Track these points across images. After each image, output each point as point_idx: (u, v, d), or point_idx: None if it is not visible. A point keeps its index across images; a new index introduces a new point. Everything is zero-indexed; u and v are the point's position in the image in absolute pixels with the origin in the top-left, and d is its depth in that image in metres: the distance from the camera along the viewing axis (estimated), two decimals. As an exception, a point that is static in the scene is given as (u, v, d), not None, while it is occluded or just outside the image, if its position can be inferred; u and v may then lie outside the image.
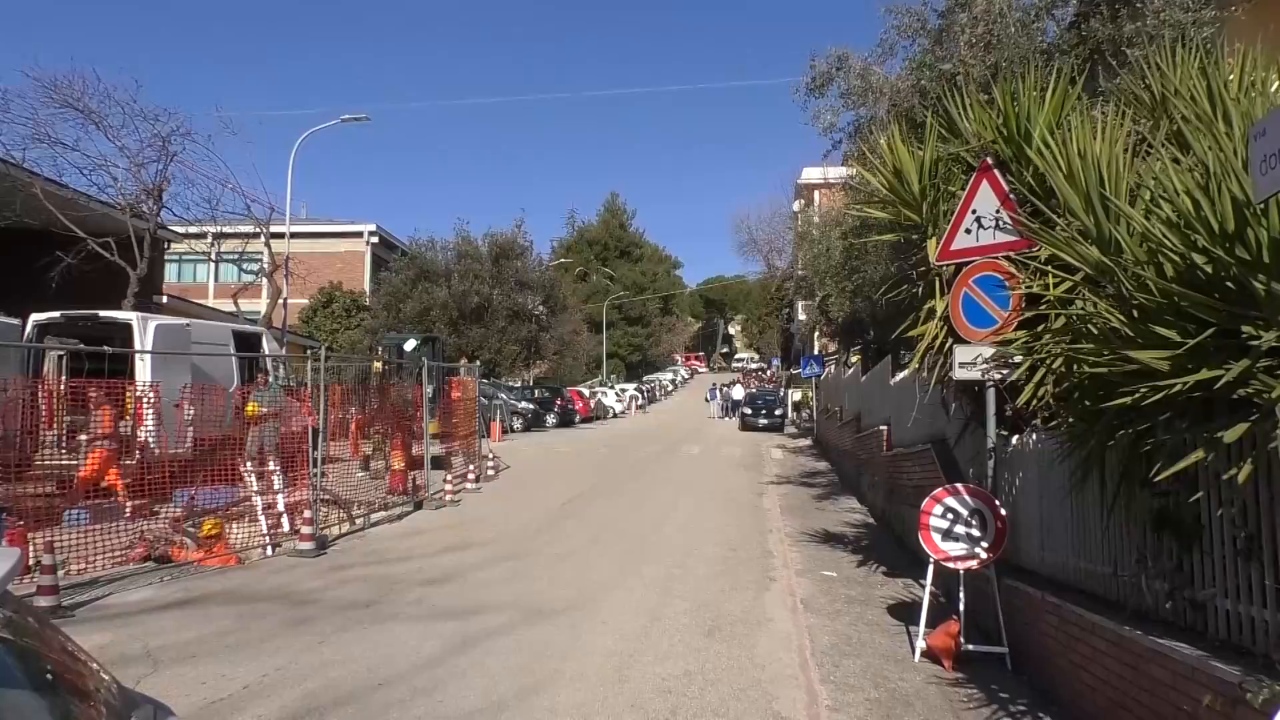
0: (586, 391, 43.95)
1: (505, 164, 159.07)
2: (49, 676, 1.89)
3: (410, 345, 21.19)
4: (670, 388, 69.21)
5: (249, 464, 9.64)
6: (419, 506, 12.67)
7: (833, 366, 28.88)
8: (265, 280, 24.94)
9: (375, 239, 42.66)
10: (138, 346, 11.60)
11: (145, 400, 9.56)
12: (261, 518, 9.49)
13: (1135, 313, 4.16)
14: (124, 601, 7.18)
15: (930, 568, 6.30)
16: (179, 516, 9.08)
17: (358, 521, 11.21)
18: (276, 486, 10.02)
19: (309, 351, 13.80)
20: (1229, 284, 3.76)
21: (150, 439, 9.36)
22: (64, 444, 9.31)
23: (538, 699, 5.14)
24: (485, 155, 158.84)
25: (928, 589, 6.26)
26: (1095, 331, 4.47)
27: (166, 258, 24.69)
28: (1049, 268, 5.61)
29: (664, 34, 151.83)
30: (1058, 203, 5.55)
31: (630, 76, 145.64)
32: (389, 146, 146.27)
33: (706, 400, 46.53)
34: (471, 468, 15.43)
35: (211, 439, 9.99)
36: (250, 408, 10.34)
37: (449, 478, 13.99)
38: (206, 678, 5.37)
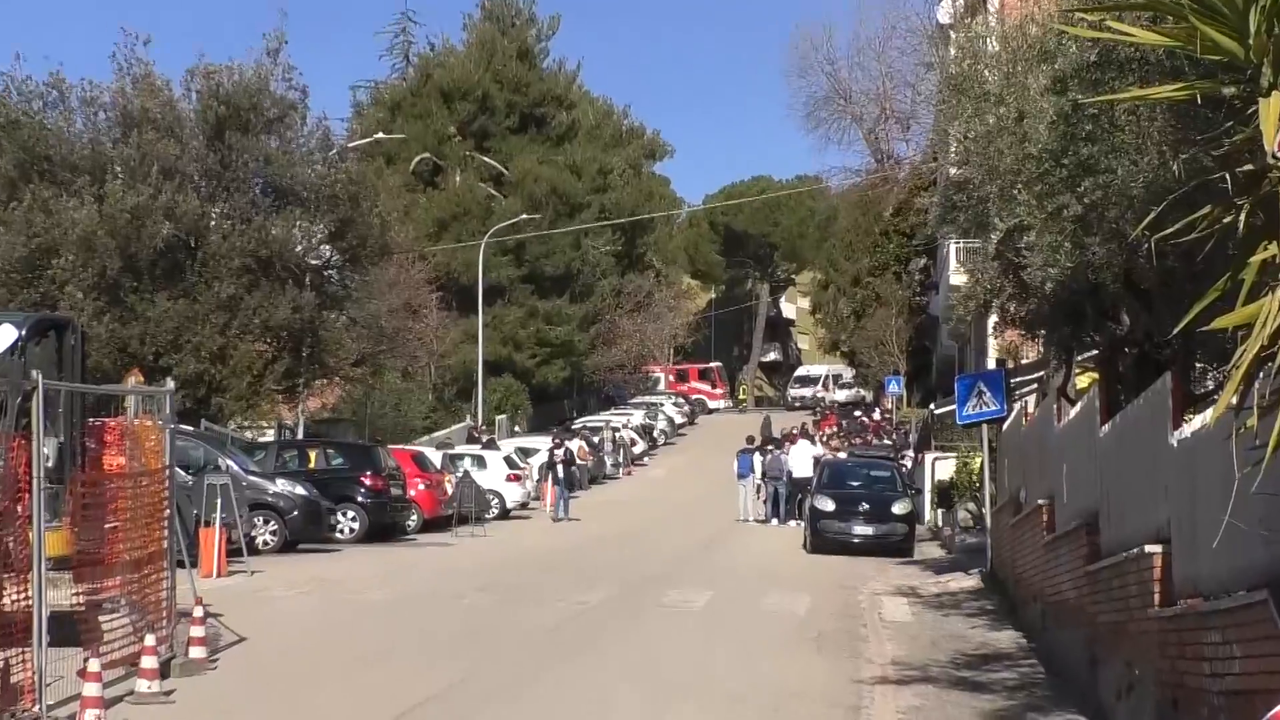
0: (435, 457, 44.04)
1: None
2: None
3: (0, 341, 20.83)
4: (638, 446, 69.40)
5: None
6: (16, 741, 12.48)
7: (1031, 400, 28.82)
8: None
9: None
10: None
11: None
12: None
13: None
14: None
15: None
16: None
17: None
18: None
19: None
20: None
21: None
22: None
23: None
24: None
25: None
26: None
27: None
28: None
29: None
30: None
31: None
32: None
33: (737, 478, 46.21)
34: (153, 641, 15.18)
35: None
36: None
37: (92, 666, 13.71)
38: None
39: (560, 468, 46.86)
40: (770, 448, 47.05)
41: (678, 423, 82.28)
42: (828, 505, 35.83)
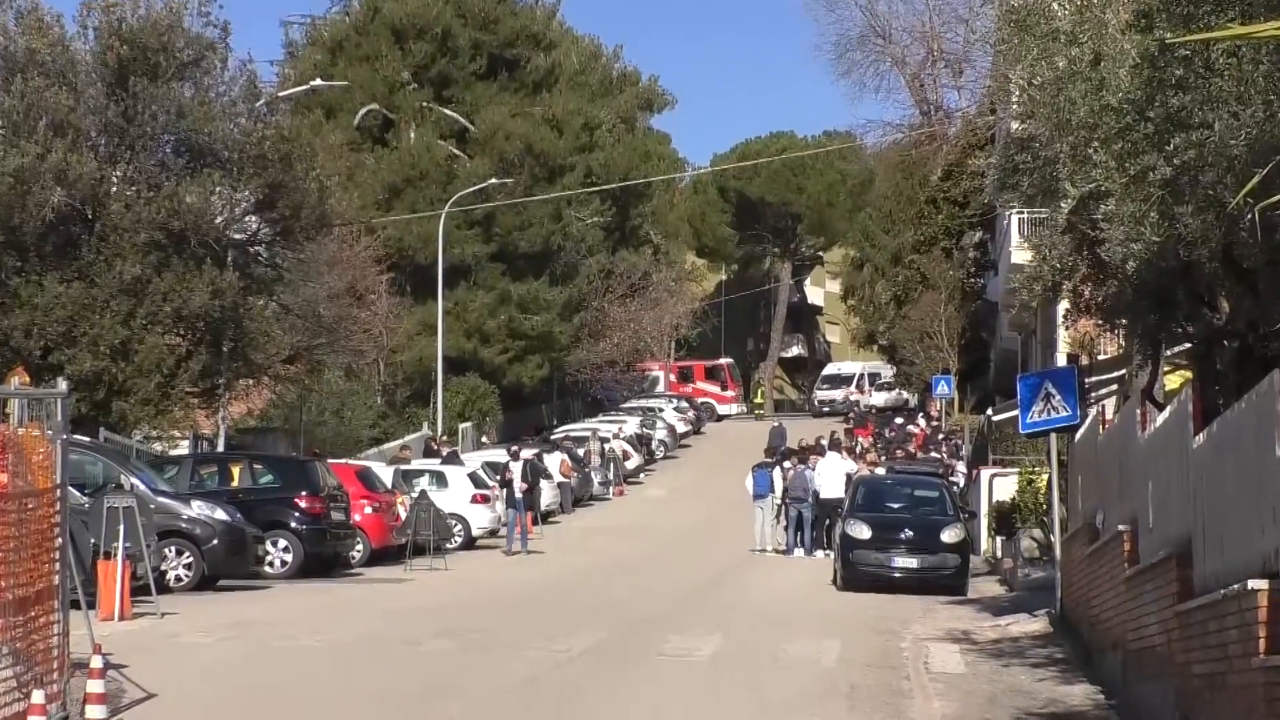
0: (385, 474, 44.10)
1: None
2: None
3: None
4: (633, 460, 69.27)
5: None
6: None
7: (1110, 404, 28.66)
8: None
9: None
10: None
11: None
12: None
13: None
14: None
15: None
16: None
17: None
18: None
19: None
20: None
21: None
22: None
23: None
24: None
25: None
26: None
27: None
28: None
29: None
30: None
31: None
32: None
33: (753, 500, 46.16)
34: (41, 698, 15.15)
35: None
36: None
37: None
38: None
39: (515, 487, 44.71)
40: (789, 463, 46.77)
41: (680, 432, 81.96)
42: (863, 532, 35.55)
